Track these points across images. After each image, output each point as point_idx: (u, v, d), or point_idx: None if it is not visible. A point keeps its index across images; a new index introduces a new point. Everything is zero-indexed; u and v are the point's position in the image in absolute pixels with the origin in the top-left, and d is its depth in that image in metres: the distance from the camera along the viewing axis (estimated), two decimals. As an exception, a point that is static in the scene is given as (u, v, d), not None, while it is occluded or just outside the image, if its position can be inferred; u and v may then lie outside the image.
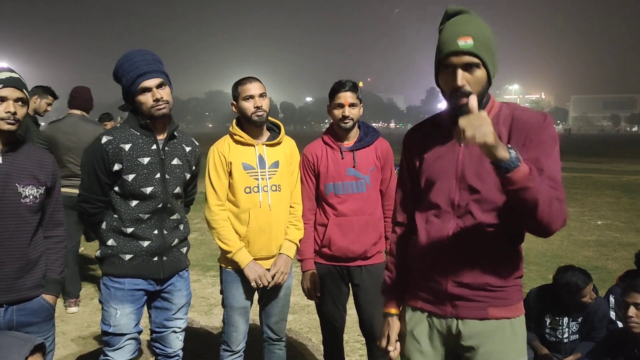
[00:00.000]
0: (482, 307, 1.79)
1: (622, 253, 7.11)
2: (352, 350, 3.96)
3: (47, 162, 2.35)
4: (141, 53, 2.47)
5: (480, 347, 1.79)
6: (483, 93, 1.73)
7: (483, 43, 1.67)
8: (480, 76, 1.69)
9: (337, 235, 2.90)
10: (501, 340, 1.79)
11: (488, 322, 1.79)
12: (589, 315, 3.37)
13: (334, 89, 2.88)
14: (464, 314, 1.81)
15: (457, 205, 1.78)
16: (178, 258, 2.63)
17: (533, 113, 1.78)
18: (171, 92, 2.54)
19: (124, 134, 2.48)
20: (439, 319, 1.86)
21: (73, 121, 4.81)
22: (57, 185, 2.40)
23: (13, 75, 2.20)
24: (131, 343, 2.54)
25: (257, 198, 2.78)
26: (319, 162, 2.93)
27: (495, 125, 1.74)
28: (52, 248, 2.40)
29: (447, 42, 1.69)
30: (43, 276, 2.33)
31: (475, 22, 1.70)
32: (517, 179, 1.53)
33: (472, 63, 1.67)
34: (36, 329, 2.26)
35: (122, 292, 2.50)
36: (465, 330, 1.81)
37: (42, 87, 5.23)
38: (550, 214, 1.59)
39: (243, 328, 2.90)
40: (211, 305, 5.03)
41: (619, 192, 13.32)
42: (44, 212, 2.35)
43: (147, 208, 2.49)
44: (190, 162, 2.66)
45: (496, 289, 1.78)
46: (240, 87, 2.79)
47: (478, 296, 1.79)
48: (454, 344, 1.86)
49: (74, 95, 4.97)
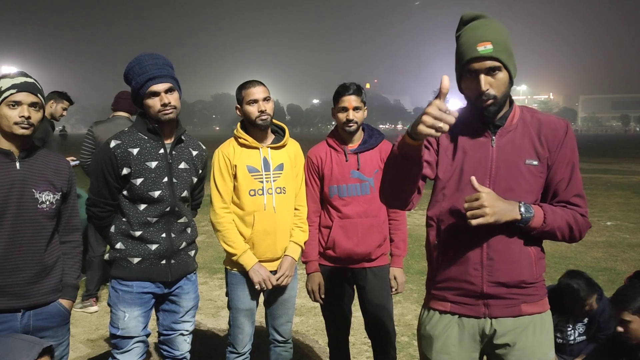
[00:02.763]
0: (516, 305, 1.83)
1: (631, 254, 7.06)
2: (359, 353, 3.96)
3: (63, 168, 2.36)
4: (152, 57, 2.49)
5: (515, 343, 1.83)
6: (506, 94, 1.78)
7: (502, 46, 1.72)
8: (503, 78, 1.74)
9: (341, 238, 2.90)
10: (533, 335, 1.84)
11: (521, 318, 1.84)
12: (595, 317, 3.35)
13: (337, 93, 2.89)
14: (497, 312, 1.83)
15: None
16: (186, 261, 2.64)
17: (555, 119, 1.86)
18: (180, 97, 2.55)
19: (132, 138, 2.50)
20: (470, 320, 1.86)
21: (121, 122, 4.86)
22: (72, 190, 2.41)
23: (28, 80, 2.21)
24: (139, 346, 2.55)
25: (262, 200, 2.79)
26: (323, 165, 2.94)
27: (523, 129, 1.83)
28: (68, 253, 2.41)
29: (467, 48, 1.74)
30: (59, 281, 2.34)
31: (492, 26, 1.74)
32: (535, 226, 1.75)
33: (494, 67, 1.72)
34: (52, 334, 2.28)
35: (131, 295, 2.51)
36: (500, 329, 1.84)
37: (58, 92, 5.39)
38: (573, 233, 1.82)
39: (249, 330, 2.91)
40: (218, 307, 5.05)
41: (629, 192, 13.22)
42: (60, 218, 2.37)
43: (155, 212, 2.50)
44: (197, 166, 2.67)
45: (529, 285, 1.83)
46: (244, 91, 2.80)
47: (513, 294, 1.82)
48: (487, 343, 1.88)
49: (121, 97, 5.03)
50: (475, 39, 1.71)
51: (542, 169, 1.82)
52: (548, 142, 1.81)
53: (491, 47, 1.70)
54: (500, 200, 1.70)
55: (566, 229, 1.80)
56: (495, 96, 1.74)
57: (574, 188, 1.83)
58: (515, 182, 1.80)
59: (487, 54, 1.70)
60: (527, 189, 1.80)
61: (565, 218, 1.79)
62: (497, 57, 1.71)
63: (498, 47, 1.70)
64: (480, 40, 1.70)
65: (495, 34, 1.72)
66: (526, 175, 1.80)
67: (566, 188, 1.82)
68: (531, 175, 1.81)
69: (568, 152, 1.82)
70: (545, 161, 1.81)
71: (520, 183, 1.80)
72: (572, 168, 1.82)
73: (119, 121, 4.87)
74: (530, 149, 1.81)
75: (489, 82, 1.73)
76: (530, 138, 1.82)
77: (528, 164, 1.80)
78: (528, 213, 1.73)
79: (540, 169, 1.81)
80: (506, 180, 1.80)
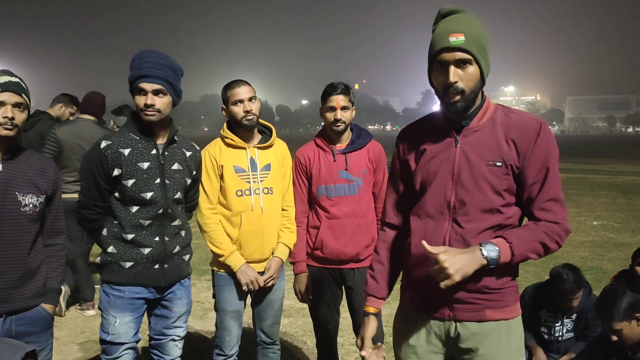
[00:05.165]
0: (479, 309, 1.80)
1: (617, 253, 7.12)
2: (348, 354, 3.95)
3: (48, 170, 2.30)
4: (155, 55, 2.42)
5: (478, 348, 1.80)
6: (476, 91, 1.73)
7: (474, 40, 1.68)
8: (473, 72, 1.70)
9: (329, 238, 2.89)
10: (498, 342, 1.80)
11: (485, 324, 1.80)
12: (583, 313, 3.37)
13: (326, 92, 2.88)
14: (461, 316, 1.81)
15: (453, 207, 1.78)
16: (180, 266, 2.59)
17: (529, 119, 1.79)
18: (174, 102, 2.48)
19: (123, 139, 2.44)
20: (437, 322, 1.85)
21: (85, 125, 4.80)
22: (57, 193, 2.35)
23: (12, 80, 2.14)
24: (129, 353, 2.51)
25: (249, 201, 2.77)
26: (311, 165, 2.93)
27: (490, 129, 1.78)
28: (52, 256, 2.36)
29: (438, 39, 1.70)
30: (42, 285, 2.29)
31: (467, 20, 1.71)
32: (505, 263, 1.70)
33: (464, 59, 1.68)
34: (35, 339, 2.23)
35: (122, 300, 2.46)
36: (464, 333, 1.81)
37: (69, 96, 5.38)
38: (549, 248, 1.75)
39: (236, 332, 2.89)
40: (206, 309, 5.01)
41: (614, 192, 13.37)
42: (44, 221, 2.31)
43: (147, 214, 2.45)
44: (190, 167, 2.62)
45: (493, 291, 1.79)
46: (230, 91, 2.78)
47: (475, 299, 1.79)
48: (453, 346, 1.86)
49: (86, 100, 5.00)
50: (449, 30, 1.68)
51: (506, 171, 1.75)
52: (517, 144, 1.74)
53: (463, 38, 1.66)
54: (460, 254, 1.65)
55: (540, 248, 1.74)
56: (463, 90, 1.68)
57: (547, 192, 1.75)
58: (477, 183, 1.75)
59: (458, 44, 1.66)
60: (490, 190, 1.75)
61: (535, 238, 1.73)
62: (468, 49, 1.66)
63: (470, 39, 1.67)
64: (453, 31, 1.67)
65: (469, 27, 1.69)
66: (489, 177, 1.74)
67: (539, 192, 1.75)
68: (494, 176, 1.75)
69: (540, 154, 1.74)
70: (512, 163, 1.74)
71: (482, 184, 1.75)
72: (546, 171, 1.74)
73: (82, 123, 4.82)
74: (494, 149, 1.75)
75: (458, 74, 1.68)
76: (496, 138, 1.76)
77: (490, 165, 1.74)
78: (492, 253, 1.66)
79: (504, 170, 1.75)
80: (469, 181, 1.76)
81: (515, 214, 1.80)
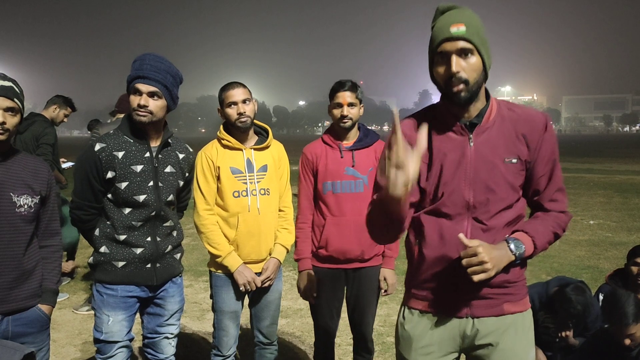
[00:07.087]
0: (498, 304, 1.81)
1: (613, 252, 7.15)
2: (345, 354, 3.96)
3: (42, 171, 2.31)
4: (156, 59, 2.43)
5: (498, 343, 1.81)
6: (480, 83, 1.71)
7: (475, 30, 1.67)
8: (476, 63, 1.68)
9: (334, 236, 2.88)
10: (515, 335, 1.82)
11: (503, 318, 1.82)
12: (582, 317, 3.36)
13: (333, 89, 2.89)
14: (480, 312, 1.81)
15: (472, 206, 1.77)
16: (171, 264, 2.61)
17: (534, 113, 1.82)
18: (170, 107, 2.48)
19: (117, 141, 2.45)
20: (452, 320, 1.84)
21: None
22: (52, 194, 2.36)
23: (4, 84, 2.14)
24: (123, 351, 2.52)
25: (246, 202, 2.78)
26: (318, 161, 2.93)
27: (500, 125, 1.78)
28: (48, 257, 2.37)
29: (439, 31, 1.69)
30: (39, 286, 2.30)
31: (467, 13, 1.71)
32: (531, 255, 1.78)
33: (466, 48, 1.66)
34: (31, 340, 2.24)
35: (115, 299, 2.48)
36: (483, 329, 1.81)
37: (64, 97, 5.34)
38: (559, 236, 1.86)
39: (234, 332, 2.90)
40: (203, 310, 5.01)
41: (611, 191, 13.42)
42: (39, 222, 2.32)
43: (140, 216, 2.46)
44: (183, 169, 2.63)
45: (511, 285, 1.82)
46: (224, 93, 2.79)
47: (496, 294, 1.80)
48: (469, 343, 1.85)
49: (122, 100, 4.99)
50: (449, 21, 1.68)
51: (521, 167, 1.78)
52: (527, 139, 1.76)
53: (464, 28, 1.65)
54: (494, 249, 1.67)
55: (553, 238, 1.82)
56: (467, 80, 1.66)
57: (555, 183, 1.82)
58: (495, 182, 1.75)
59: (459, 34, 1.65)
60: (508, 188, 1.76)
61: (549, 229, 1.80)
62: (470, 39, 1.66)
63: (472, 30, 1.66)
64: (454, 22, 1.67)
65: (470, 19, 1.68)
66: (506, 174, 1.75)
67: (548, 184, 1.80)
68: (511, 173, 1.76)
69: (549, 147, 1.78)
70: (525, 158, 1.77)
71: (500, 183, 1.75)
72: (553, 163, 1.80)
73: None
74: (510, 146, 1.76)
75: (460, 65, 1.66)
76: (508, 135, 1.77)
77: (507, 162, 1.76)
78: (519, 249, 1.72)
79: (520, 166, 1.77)
80: (486, 181, 1.75)
81: (523, 205, 1.84)
